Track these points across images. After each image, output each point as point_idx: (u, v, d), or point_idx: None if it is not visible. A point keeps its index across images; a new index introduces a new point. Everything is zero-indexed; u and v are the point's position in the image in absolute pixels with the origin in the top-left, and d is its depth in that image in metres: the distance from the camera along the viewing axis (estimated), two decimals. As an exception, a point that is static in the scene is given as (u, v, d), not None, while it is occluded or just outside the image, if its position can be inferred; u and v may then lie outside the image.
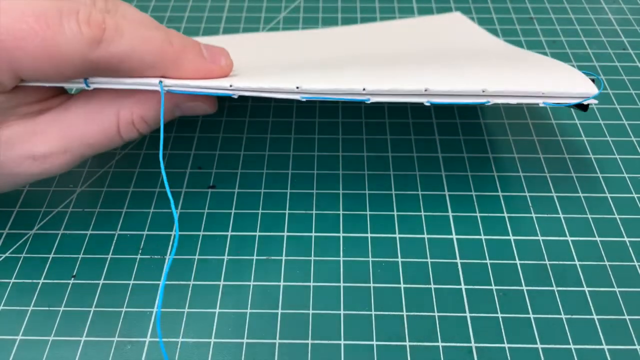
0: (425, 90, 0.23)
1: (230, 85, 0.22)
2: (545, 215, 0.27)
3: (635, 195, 0.28)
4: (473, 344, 0.23)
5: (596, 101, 0.25)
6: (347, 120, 0.32)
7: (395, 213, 0.27)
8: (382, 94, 0.23)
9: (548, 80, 0.25)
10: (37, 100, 0.23)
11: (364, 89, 0.23)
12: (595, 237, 0.26)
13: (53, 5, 0.20)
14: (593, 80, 0.26)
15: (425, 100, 0.24)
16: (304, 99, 0.23)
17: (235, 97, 0.23)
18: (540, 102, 0.25)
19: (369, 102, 0.23)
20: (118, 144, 0.24)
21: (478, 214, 0.27)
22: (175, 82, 0.22)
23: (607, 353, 0.23)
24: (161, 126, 0.23)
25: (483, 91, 0.24)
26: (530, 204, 0.28)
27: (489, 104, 0.24)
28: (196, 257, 0.26)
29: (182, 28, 0.39)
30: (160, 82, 0.22)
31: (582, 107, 0.25)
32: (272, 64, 0.28)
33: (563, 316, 0.24)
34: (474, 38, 0.35)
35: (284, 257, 0.26)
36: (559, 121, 0.32)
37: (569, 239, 0.26)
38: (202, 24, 0.39)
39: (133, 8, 0.24)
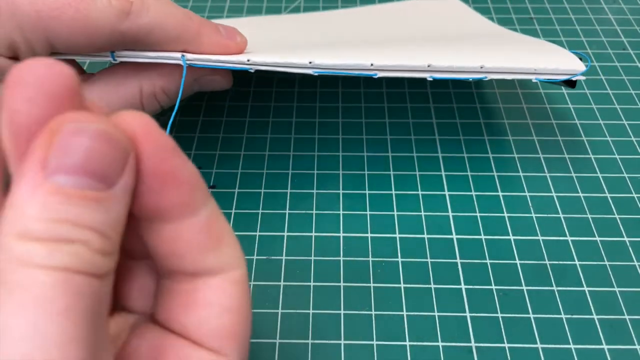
0: (429, 66, 0.25)
1: (248, 60, 0.24)
2: (545, 215, 0.27)
3: (635, 195, 0.28)
4: (473, 344, 0.23)
5: (584, 77, 0.27)
6: (347, 120, 0.32)
7: (395, 213, 0.27)
8: (389, 69, 0.25)
9: (540, 58, 0.27)
10: None
11: (371, 64, 0.24)
12: (595, 236, 0.26)
13: None
14: (581, 59, 0.28)
15: (428, 76, 0.25)
16: (316, 74, 0.24)
17: (252, 71, 0.24)
18: (532, 77, 0.27)
19: (376, 77, 0.25)
20: None
21: (478, 214, 0.27)
22: (196, 57, 0.24)
23: (607, 353, 0.23)
24: (178, 98, 0.25)
25: (481, 67, 0.26)
26: (530, 204, 0.28)
27: (487, 79, 0.26)
28: (196, 257, 0.26)
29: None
30: (183, 56, 0.24)
31: (570, 84, 0.27)
32: (283, 43, 0.29)
33: (563, 316, 0.24)
34: (471, 22, 0.36)
35: (284, 257, 0.26)
36: (560, 121, 0.32)
37: (569, 238, 0.26)
38: (202, 24, 0.39)
39: None
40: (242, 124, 0.32)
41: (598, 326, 0.23)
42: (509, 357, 0.22)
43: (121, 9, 0.21)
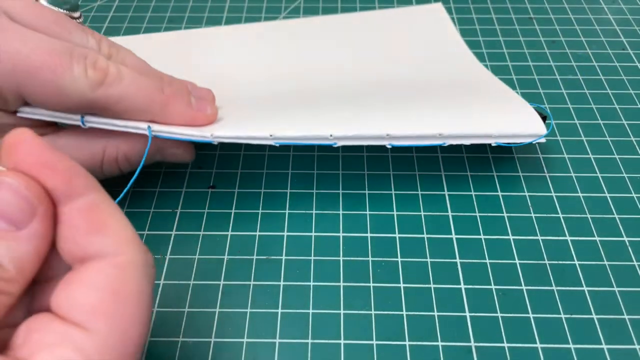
0: (387, 135, 0.25)
1: (211, 135, 0.24)
2: (545, 215, 0.27)
3: (635, 195, 0.28)
4: (473, 344, 0.23)
5: (544, 140, 0.27)
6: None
7: (395, 213, 0.27)
8: (348, 139, 0.25)
9: (499, 121, 0.27)
10: (33, 125, 0.24)
11: (330, 135, 0.25)
12: (594, 236, 0.26)
13: (66, 47, 0.22)
14: (545, 118, 0.28)
15: (387, 143, 0.26)
16: (278, 145, 0.25)
17: (215, 143, 0.25)
18: (492, 142, 0.27)
19: (335, 145, 0.25)
20: (97, 176, 0.26)
21: (477, 214, 0.27)
22: (162, 128, 0.24)
23: (606, 352, 0.23)
24: (139, 167, 0.25)
25: (439, 134, 0.26)
26: (529, 204, 0.28)
27: (446, 144, 0.26)
28: (196, 257, 0.26)
29: (182, 28, 0.39)
30: (149, 127, 0.24)
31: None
32: (253, 97, 0.30)
33: (562, 316, 0.24)
34: (444, 50, 0.36)
35: (284, 257, 0.26)
36: (560, 121, 0.32)
37: (569, 238, 0.26)
38: (202, 24, 0.40)
39: (132, 54, 0.26)
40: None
41: (597, 326, 0.23)
42: (508, 357, 0.22)
43: (96, 79, 0.22)
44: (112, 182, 0.24)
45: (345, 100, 0.29)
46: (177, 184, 0.29)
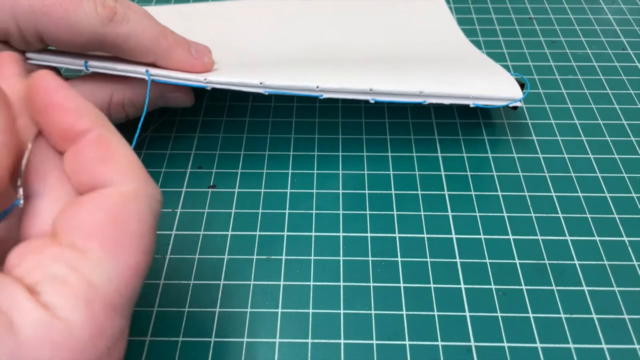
0: (370, 90, 0.27)
1: (205, 79, 0.27)
2: (545, 215, 0.27)
3: (635, 195, 0.28)
4: (472, 343, 0.23)
5: (521, 104, 0.29)
6: (347, 120, 0.32)
7: (395, 213, 0.27)
8: (333, 91, 0.27)
9: (479, 84, 0.29)
10: None
11: (317, 87, 0.27)
12: (594, 236, 0.26)
13: None
14: (522, 85, 0.29)
15: (370, 98, 0.28)
16: (267, 93, 0.27)
17: (209, 88, 0.27)
18: (470, 103, 0.28)
19: (322, 97, 0.27)
20: None
21: (477, 214, 0.27)
22: (159, 72, 0.26)
23: (606, 352, 0.23)
24: (144, 111, 0.27)
25: (420, 92, 0.28)
26: (529, 204, 0.28)
27: (425, 103, 0.28)
28: (196, 256, 0.26)
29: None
30: (147, 71, 0.26)
31: (512, 107, 0.30)
32: (248, 51, 0.32)
33: (562, 315, 0.24)
34: (437, 26, 0.37)
35: (284, 257, 0.26)
36: (559, 121, 0.32)
37: (568, 238, 0.26)
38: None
39: (136, 5, 0.27)
40: (242, 124, 0.32)
41: (597, 326, 0.23)
42: (508, 357, 0.22)
43: (105, 16, 0.24)
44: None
45: (334, 60, 0.31)
46: (177, 184, 0.29)
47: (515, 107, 0.30)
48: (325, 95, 0.27)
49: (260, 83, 0.26)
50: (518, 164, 0.30)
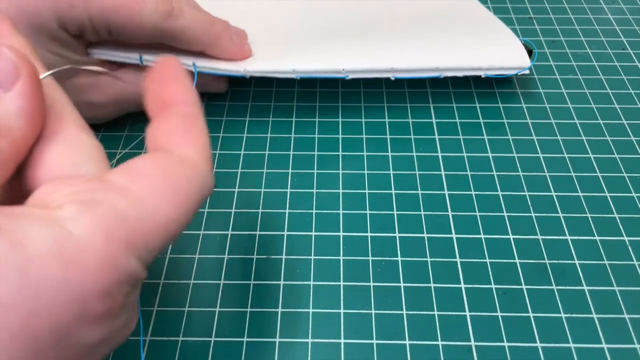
0: (391, 69, 0.30)
1: (244, 69, 0.29)
2: (545, 214, 0.27)
3: (635, 195, 0.28)
4: (473, 343, 0.23)
5: (528, 72, 0.32)
6: (347, 119, 0.32)
7: (395, 212, 0.27)
8: (358, 71, 0.30)
9: (489, 55, 0.32)
10: (98, 64, 0.29)
11: (343, 69, 0.30)
12: (594, 236, 0.26)
13: None
14: (530, 52, 0.32)
15: (391, 75, 0.30)
16: (298, 77, 0.30)
17: (248, 77, 0.29)
18: (482, 74, 0.31)
19: (347, 78, 0.30)
20: None
21: (478, 213, 0.27)
22: (204, 64, 0.29)
23: (606, 352, 0.23)
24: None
25: (436, 67, 0.30)
26: (529, 203, 0.28)
27: (442, 76, 0.31)
28: (196, 256, 0.26)
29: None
30: (194, 64, 0.29)
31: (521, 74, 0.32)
32: (276, 33, 0.33)
33: (563, 315, 0.24)
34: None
35: (284, 257, 0.26)
36: (559, 121, 0.32)
37: (569, 237, 0.26)
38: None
39: None
40: (242, 124, 0.32)
41: (597, 325, 0.23)
42: (508, 356, 0.22)
43: (165, 11, 0.27)
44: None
45: (356, 35, 0.33)
46: (177, 184, 0.29)
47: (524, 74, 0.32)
48: (351, 76, 0.30)
49: (293, 70, 0.29)
50: (518, 163, 0.30)
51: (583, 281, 0.25)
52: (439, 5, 0.37)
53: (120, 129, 0.32)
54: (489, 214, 0.27)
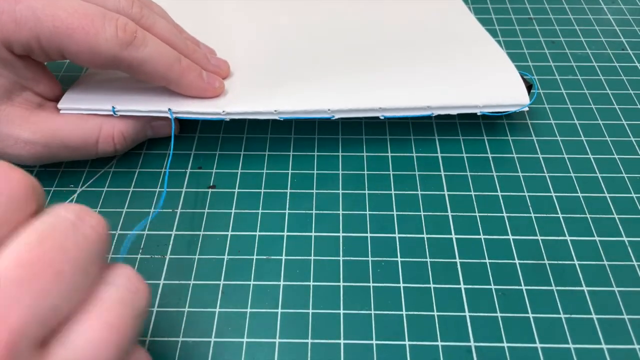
0: (379, 108, 0.28)
1: (223, 111, 0.28)
2: (545, 215, 0.27)
3: (634, 195, 0.28)
4: (472, 343, 0.23)
5: (527, 109, 0.30)
6: (347, 119, 0.32)
7: (395, 213, 0.28)
8: (344, 111, 0.28)
9: (486, 92, 0.29)
10: (40, 95, 0.27)
11: (328, 109, 0.28)
12: (594, 236, 0.26)
13: (99, 10, 0.25)
14: (530, 87, 0.30)
15: (380, 115, 0.29)
16: (282, 119, 0.28)
17: (227, 120, 0.28)
18: (477, 111, 0.29)
19: (333, 118, 0.29)
20: (92, 155, 0.28)
21: (477, 214, 0.27)
22: (180, 109, 0.28)
23: (606, 352, 0.23)
24: (171, 143, 0.29)
25: (428, 106, 0.29)
26: (529, 204, 0.28)
27: (434, 115, 0.29)
28: (196, 256, 0.26)
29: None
30: (170, 110, 0.28)
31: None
32: (257, 65, 0.32)
33: (562, 315, 0.24)
34: (448, 22, 0.36)
35: (284, 257, 0.26)
36: (559, 121, 0.32)
37: (568, 238, 0.26)
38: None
39: (163, 20, 0.28)
40: (242, 124, 0.32)
41: (597, 326, 0.23)
42: (508, 357, 0.22)
43: (125, 40, 0.25)
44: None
45: (342, 71, 0.31)
46: (177, 184, 0.29)
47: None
48: (337, 116, 0.28)
49: (275, 111, 0.28)
50: (518, 164, 0.30)
51: (583, 282, 0.25)
52: (433, 34, 0.34)
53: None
54: (489, 214, 0.27)
